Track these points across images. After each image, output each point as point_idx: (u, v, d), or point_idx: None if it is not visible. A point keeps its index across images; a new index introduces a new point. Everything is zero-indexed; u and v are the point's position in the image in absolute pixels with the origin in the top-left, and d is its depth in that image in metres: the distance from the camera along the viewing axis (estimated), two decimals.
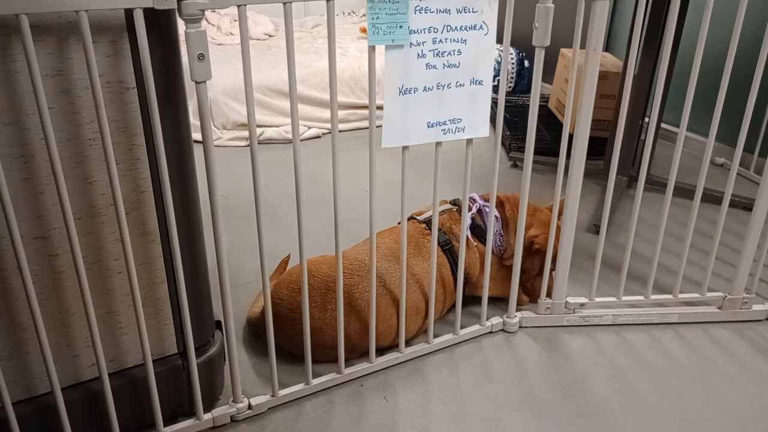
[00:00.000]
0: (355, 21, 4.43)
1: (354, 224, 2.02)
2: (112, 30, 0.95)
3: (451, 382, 1.42)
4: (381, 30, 1.10)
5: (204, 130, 1.05)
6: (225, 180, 2.48)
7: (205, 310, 1.24)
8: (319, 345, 1.41)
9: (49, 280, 1.05)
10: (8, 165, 0.95)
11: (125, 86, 0.99)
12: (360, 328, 1.43)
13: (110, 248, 1.08)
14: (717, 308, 1.64)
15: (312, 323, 1.39)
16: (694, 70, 1.37)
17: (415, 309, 1.49)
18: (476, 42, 1.21)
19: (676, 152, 1.45)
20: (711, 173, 2.56)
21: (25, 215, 0.99)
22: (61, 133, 0.97)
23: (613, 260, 1.92)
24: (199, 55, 0.97)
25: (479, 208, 1.61)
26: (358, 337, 1.43)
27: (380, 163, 2.53)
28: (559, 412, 1.34)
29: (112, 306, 1.12)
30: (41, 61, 0.92)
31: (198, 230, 1.16)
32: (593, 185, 2.45)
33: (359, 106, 3.18)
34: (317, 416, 1.32)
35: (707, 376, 1.45)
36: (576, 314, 1.61)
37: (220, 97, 2.89)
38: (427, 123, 1.23)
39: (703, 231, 2.08)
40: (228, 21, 3.90)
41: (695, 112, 2.41)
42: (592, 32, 1.31)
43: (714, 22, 1.45)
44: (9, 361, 1.07)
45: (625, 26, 3.24)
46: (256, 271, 1.84)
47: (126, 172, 1.04)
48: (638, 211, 1.49)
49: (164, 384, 1.21)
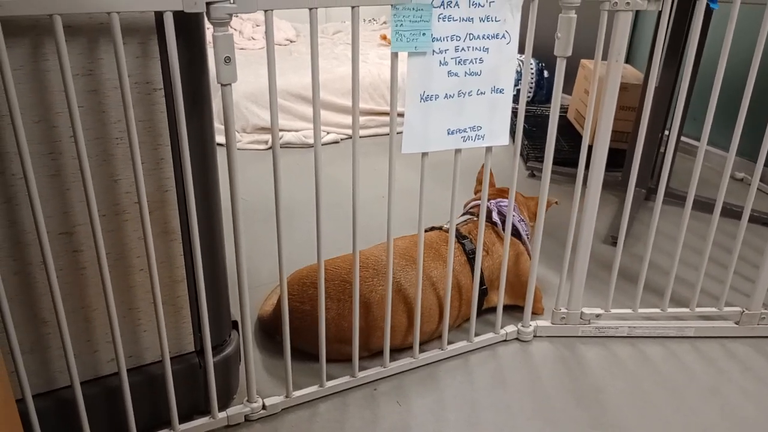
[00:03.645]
0: (375, 28, 4.46)
1: (371, 230, 2.03)
2: (142, 32, 0.97)
3: (465, 388, 1.42)
4: (404, 37, 1.11)
5: (228, 132, 1.06)
6: (244, 183, 2.50)
7: (223, 310, 1.25)
8: (331, 338, 1.42)
9: (72, 276, 1.07)
10: (37, 162, 0.97)
11: (152, 87, 1.01)
12: (372, 323, 1.44)
13: (133, 246, 1.10)
14: (734, 323, 1.63)
15: (327, 314, 1.41)
16: (716, 82, 1.36)
17: (428, 312, 1.49)
18: (498, 50, 1.22)
19: (696, 165, 1.44)
20: (731, 187, 2.54)
21: (52, 211, 1.01)
22: (88, 132, 0.99)
23: (630, 272, 1.91)
24: (226, 58, 0.99)
25: (498, 209, 1.64)
26: (370, 331, 1.44)
27: (398, 169, 2.54)
28: (573, 422, 1.34)
29: (132, 303, 1.14)
30: (72, 60, 0.94)
31: (218, 231, 1.18)
32: (611, 197, 2.44)
33: (378, 112, 3.20)
34: (331, 418, 1.33)
35: (723, 390, 1.44)
36: (591, 325, 1.60)
37: (241, 101, 2.92)
38: (448, 130, 1.24)
39: (722, 245, 2.07)
40: (250, 26, 3.94)
41: (716, 125, 2.39)
42: (614, 43, 1.32)
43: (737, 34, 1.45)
44: (31, 354, 1.09)
45: (646, 38, 3.23)
46: (272, 274, 1.85)
47: (150, 171, 1.06)
48: (656, 223, 1.49)
49: (181, 381, 1.22)
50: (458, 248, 1.56)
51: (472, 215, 1.69)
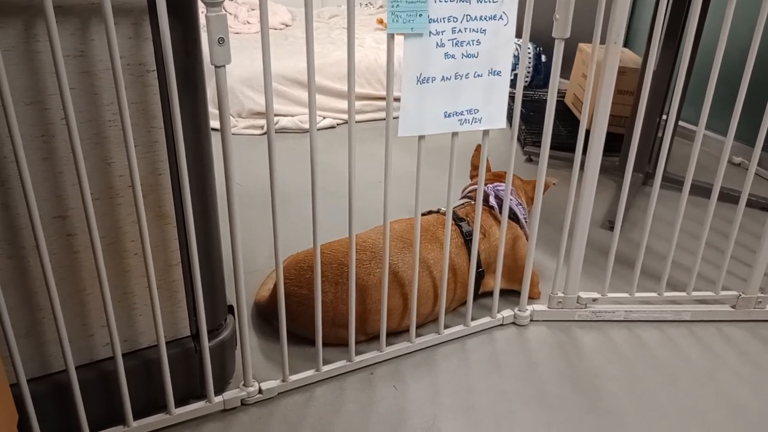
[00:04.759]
0: (371, 12, 4.42)
1: (367, 215, 2.03)
2: (134, 12, 0.95)
3: (461, 373, 1.43)
4: (400, 18, 1.10)
5: (222, 114, 1.05)
6: (239, 168, 2.49)
7: (218, 294, 1.25)
8: (329, 321, 1.42)
9: (66, 260, 1.06)
10: (29, 144, 0.96)
11: (145, 69, 1.00)
12: (370, 305, 1.44)
13: (127, 229, 1.09)
14: (731, 307, 1.63)
15: (324, 297, 1.41)
16: (714, 67, 1.35)
17: (423, 294, 1.49)
18: (495, 32, 1.20)
19: (693, 150, 1.44)
20: (728, 172, 2.52)
21: (45, 195, 1.00)
22: (81, 114, 0.98)
23: (626, 256, 1.91)
24: (219, 39, 0.98)
25: (495, 193, 1.63)
26: (367, 314, 1.44)
27: (395, 155, 2.52)
28: (569, 407, 1.34)
29: (127, 287, 1.13)
30: (63, 41, 0.92)
31: (213, 214, 1.17)
32: (608, 181, 2.44)
33: (375, 97, 3.18)
34: (327, 402, 1.33)
35: (719, 375, 1.45)
36: (588, 309, 1.61)
37: (236, 86, 2.90)
38: (444, 113, 1.23)
39: (719, 229, 2.07)
40: (245, 10, 3.91)
41: (714, 109, 2.38)
42: (613, 26, 1.30)
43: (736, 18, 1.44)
44: (26, 338, 1.08)
45: (645, 21, 3.21)
46: (267, 259, 1.85)
47: (144, 154, 1.05)
48: (654, 207, 1.48)
49: (176, 366, 1.22)
50: (455, 230, 1.56)
51: (470, 199, 1.69)
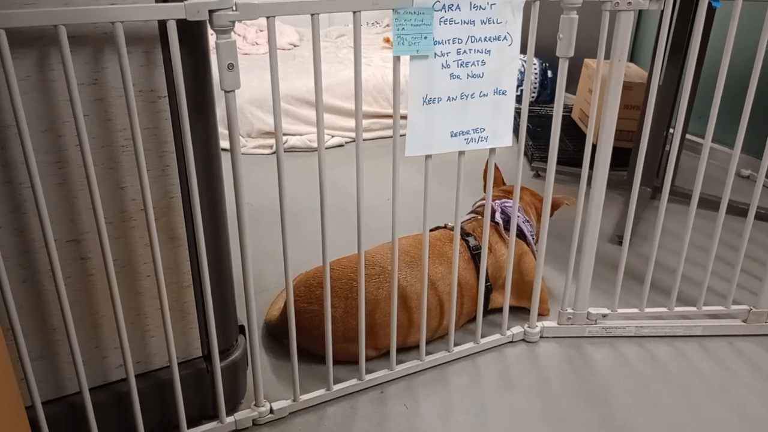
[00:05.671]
0: (378, 31, 4.46)
1: (375, 232, 2.03)
2: (146, 41, 0.98)
3: (472, 390, 1.43)
4: (406, 41, 1.12)
5: (232, 137, 1.07)
6: (249, 187, 2.51)
7: (230, 315, 1.26)
8: (340, 337, 1.43)
9: (80, 283, 1.08)
10: (44, 170, 0.98)
11: (157, 95, 1.02)
12: (381, 319, 1.45)
13: (140, 252, 1.11)
14: (742, 321, 1.62)
15: (333, 312, 1.42)
16: (720, 80, 1.36)
17: (431, 309, 1.49)
18: (500, 52, 1.22)
19: (701, 163, 1.44)
20: (737, 185, 2.53)
21: (59, 219, 1.02)
22: (94, 140, 1.00)
23: (636, 271, 1.90)
24: (229, 65, 1.00)
25: (502, 209, 1.64)
26: (378, 329, 1.46)
27: (402, 172, 2.54)
28: (581, 423, 1.34)
29: (140, 309, 1.15)
30: (77, 70, 0.95)
31: (224, 236, 1.19)
32: (616, 196, 2.44)
33: (382, 115, 3.21)
34: (339, 422, 1.33)
35: (732, 389, 1.44)
36: (598, 325, 1.60)
37: (245, 106, 2.93)
38: (451, 132, 1.25)
39: (728, 243, 2.06)
40: (254, 31, 3.96)
41: (721, 122, 2.38)
42: (617, 43, 1.32)
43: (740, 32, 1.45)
44: (40, 361, 1.10)
45: (650, 37, 3.22)
46: (277, 277, 1.86)
47: (156, 178, 1.07)
48: (662, 221, 1.48)
49: (188, 386, 1.23)
50: (462, 245, 1.56)
51: (477, 214, 1.70)
